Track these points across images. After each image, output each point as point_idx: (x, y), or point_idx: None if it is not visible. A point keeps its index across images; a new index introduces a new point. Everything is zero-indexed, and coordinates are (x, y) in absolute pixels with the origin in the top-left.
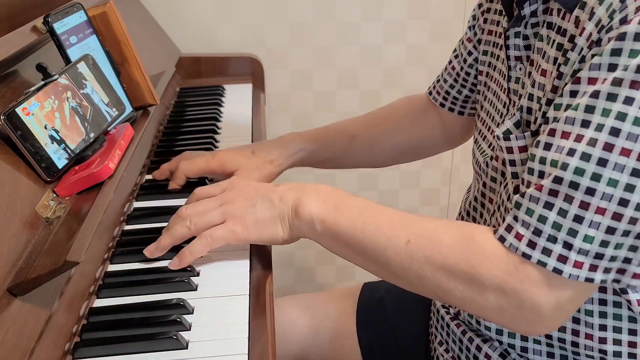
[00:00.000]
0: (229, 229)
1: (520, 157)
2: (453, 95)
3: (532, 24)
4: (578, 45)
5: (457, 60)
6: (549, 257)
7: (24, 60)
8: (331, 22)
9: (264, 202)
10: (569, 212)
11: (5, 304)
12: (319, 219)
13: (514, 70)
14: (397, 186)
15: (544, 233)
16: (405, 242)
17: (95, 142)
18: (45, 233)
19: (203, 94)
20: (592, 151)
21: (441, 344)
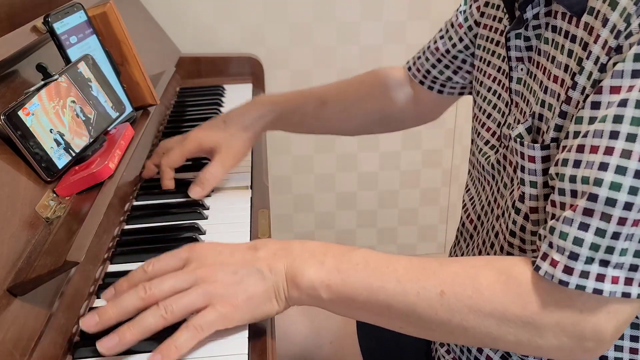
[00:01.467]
0: (219, 312)
1: (528, 166)
2: (433, 74)
3: (533, 26)
4: (593, 53)
5: (442, 41)
6: (587, 280)
7: (24, 60)
8: (331, 22)
9: (252, 275)
10: (607, 232)
11: (5, 304)
12: (323, 286)
13: (515, 70)
14: (397, 186)
15: (581, 256)
16: (438, 293)
17: (95, 142)
18: (45, 233)
19: (203, 94)
20: (626, 163)
21: (442, 345)
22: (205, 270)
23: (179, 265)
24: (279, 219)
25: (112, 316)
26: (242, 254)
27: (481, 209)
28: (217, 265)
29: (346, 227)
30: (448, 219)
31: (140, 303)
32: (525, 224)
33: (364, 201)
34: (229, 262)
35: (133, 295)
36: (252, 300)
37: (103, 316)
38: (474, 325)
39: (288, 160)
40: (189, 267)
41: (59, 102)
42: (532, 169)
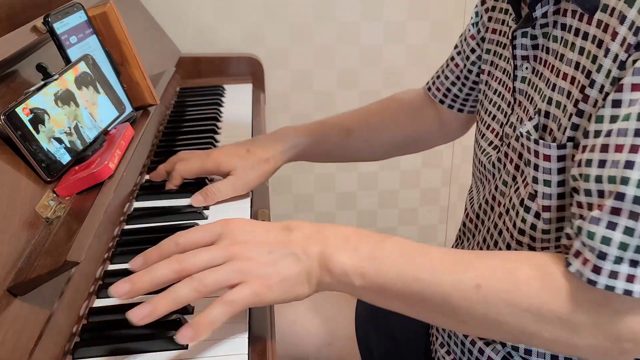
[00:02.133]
0: (252, 290)
1: (543, 165)
2: (454, 92)
3: (541, 24)
4: (612, 50)
5: (459, 57)
6: (616, 280)
7: (24, 60)
8: (331, 22)
9: (286, 257)
10: (635, 230)
11: (5, 304)
12: (356, 273)
13: (520, 69)
14: (397, 186)
15: (610, 256)
16: (474, 285)
17: (95, 142)
18: (45, 233)
19: (203, 94)
20: None
21: (442, 346)
22: (240, 247)
23: (211, 239)
24: (279, 219)
25: (144, 286)
26: (276, 233)
27: (479, 207)
28: (252, 243)
29: None
30: (448, 219)
31: (174, 275)
32: (536, 222)
33: (364, 201)
34: (264, 241)
35: (166, 266)
36: (284, 282)
37: (135, 285)
38: (509, 321)
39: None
40: (223, 242)
41: (58, 101)
42: (547, 167)
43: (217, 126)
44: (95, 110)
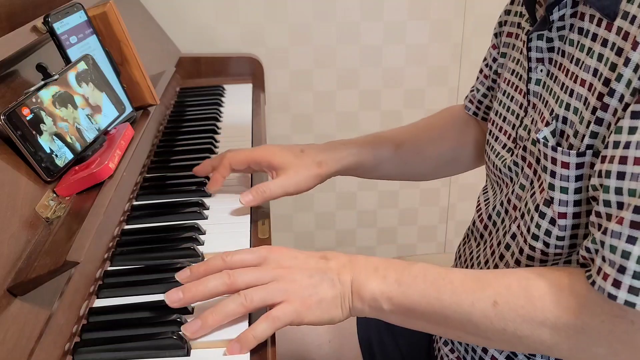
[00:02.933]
0: (294, 308)
1: (560, 172)
2: (486, 104)
3: (557, 27)
4: (632, 60)
5: (487, 68)
6: (637, 297)
7: (24, 60)
8: (331, 22)
9: (325, 282)
10: None
11: (5, 304)
12: (384, 297)
13: (534, 71)
14: (397, 186)
15: (628, 270)
16: (492, 304)
17: (95, 142)
18: (45, 233)
19: (203, 94)
20: None
21: (446, 344)
22: (284, 271)
23: (256, 261)
24: (279, 219)
25: (196, 295)
26: (315, 261)
27: (493, 210)
28: (295, 268)
29: (346, 227)
30: (448, 219)
31: (224, 288)
32: (551, 228)
33: (364, 201)
34: (305, 267)
35: (218, 279)
36: (322, 304)
37: (187, 293)
38: (527, 335)
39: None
40: (268, 265)
41: (58, 101)
42: (565, 175)
43: (217, 126)
44: (95, 111)
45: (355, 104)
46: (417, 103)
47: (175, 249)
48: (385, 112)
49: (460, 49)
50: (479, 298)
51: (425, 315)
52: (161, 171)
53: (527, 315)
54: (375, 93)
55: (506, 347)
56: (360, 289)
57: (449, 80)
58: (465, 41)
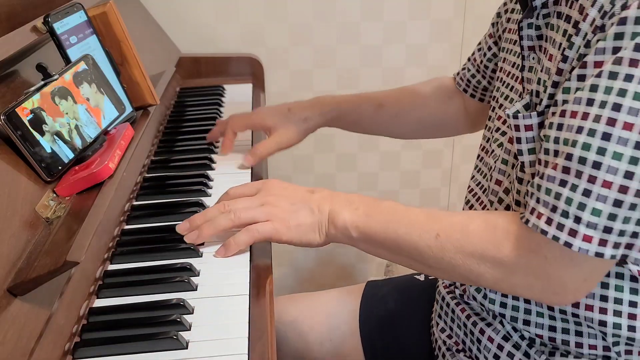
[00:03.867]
0: (274, 227)
1: (525, 135)
2: (473, 84)
3: (543, 14)
4: (582, 30)
5: (479, 52)
6: (562, 232)
7: (24, 60)
8: (331, 22)
9: (305, 209)
10: (578, 187)
11: (5, 304)
12: (353, 226)
13: (527, 59)
14: (397, 186)
15: (559, 209)
16: (435, 236)
17: (95, 142)
18: (45, 233)
19: (203, 94)
20: (597, 127)
21: (443, 331)
22: (271, 198)
23: (252, 192)
24: None
25: (197, 221)
26: (301, 193)
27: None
28: (282, 196)
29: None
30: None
31: (219, 213)
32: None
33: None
34: (290, 196)
35: (215, 208)
36: (300, 227)
37: (193, 223)
38: (460, 264)
39: (288, 160)
40: (260, 194)
41: (58, 101)
42: (530, 137)
43: None
44: (95, 110)
45: None
46: None
47: (175, 249)
48: None
49: (460, 49)
50: (426, 230)
51: (384, 244)
52: (161, 171)
53: (460, 247)
54: None
55: (444, 275)
56: (335, 218)
57: None
58: (465, 41)
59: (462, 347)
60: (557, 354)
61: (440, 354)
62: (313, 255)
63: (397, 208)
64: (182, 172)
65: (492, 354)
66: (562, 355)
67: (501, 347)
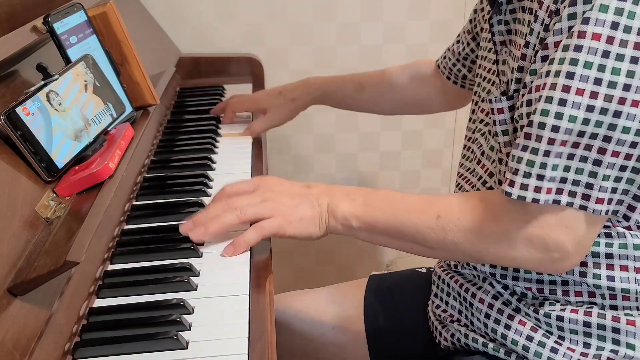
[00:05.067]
0: (278, 222)
1: (497, 118)
2: (454, 72)
3: (510, 10)
4: (539, 17)
5: (458, 44)
6: (527, 191)
7: (24, 60)
8: (331, 22)
9: (305, 204)
10: (539, 150)
11: (5, 304)
12: (353, 216)
13: (500, 54)
14: (397, 186)
15: (520, 171)
16: (436, 217)
17: (95, 142)
18: (45, 233)
19: (203, 94)
20: (553, 94)
21: (438, 307)
22: (271, 194)
23: (251, 189)
24: None
25: (201, 219)
26: (299, 188)
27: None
28: (281, 192)
29: None
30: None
31: (223, 210)
32: (505, 169)
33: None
34: (289, 192)
35: (217, 205)
36: (302, 221)
37: (197, 221)
38: (462, 242)
39: (288, 160)
40: (260, 190)
41: (58, 101)
42: (502, 119)
43: (217, 126)
44: (95, 110)
45: None
46: None
47: (175, 249)
48: None
49: None
50: (426, 212)
51: (385, 230)
52: (161, 171)
53: (461, 225)
54: None
55: (448, 255)
56: (334, 210)
57: None
58: None
59: (456, 317)
60: (545, 304)
61: (438, 333)
62: (313, 254)
63: (394, 195)
64: (182, 172)
65: (484, 314)
66: (550, 304)
67: (492, 305)
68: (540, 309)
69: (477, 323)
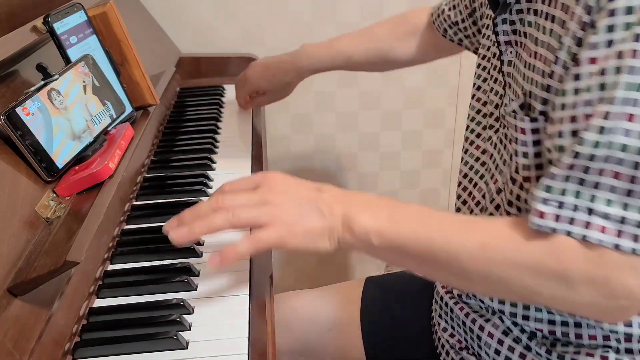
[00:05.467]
0: (278, 234)
1: (520, 138)
2: (450, 34)
3: (517, 10)
4: (571, 29)
5: (454, 11)
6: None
7: (24, 60)
8: (331, 22)
9: (313, 211)
10: (586, 181)
11: (5, 304)
12: (375, 233)
13: (505, 54)
14: (397, 186)
15: (567, 204)
16: (479, 246)
17: (95, 142)
18: (45, 233)
19: (203, 94)
20: (607, 124)
21: (445, 330)
22: (273, 196)
23: (251, 187)
24: None
25: (188, 219)
26: (308, 191)
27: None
28: (285, 194)
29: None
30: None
31: (212, 210)
32: (520, 193)
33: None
34: (295, 194)
35: (207, 203)
36: (308, 233)
37: (182, 219)
38: (511, 278)
39: (288, 160)
40: (260, 189)
41: (59, 101)
42: (523, 140)
43: (217, 126)
44: (95, 110)
45: (355, 104)
46: (417, 103)
47: (175, 249)
48: (385, 112)
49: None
50: (467, 239)
51: (414, 253)
52: (161, 171)
53: (512, 259)
54: (375, 93)
55: (490, 291)
56: (351, 223)
57: (448, 80)
58: None
59: (464, 344)
60: (558, 345)
61: (444, 352)
62: (314, 254)
63: (426, 211)
64: (182, 172)
65: (493, 350)
66: (563, 346)
67: (501, 341)
68: (553, 350)
69: (486, 357)
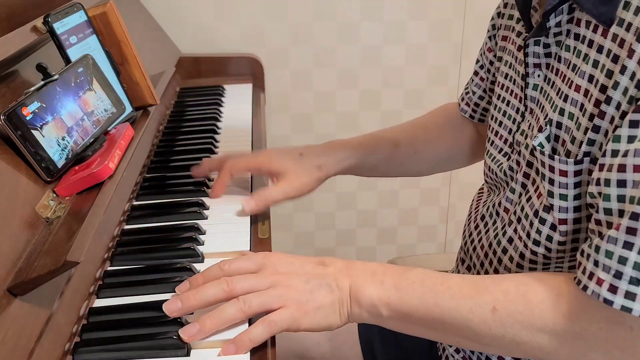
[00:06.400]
0: (291, 314)
1: (559, 180)
2: (483, 107)
3: (554, 33)
4: (629, 68)
5: (482, 70)
6: (634, 302)
7: (24, 60)
8: (331, 22)
9: (322, 288)
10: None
11: (5, 304)
12: (382, 303)
13: (532, 76)
14: (397, 186)
15: (625, 275)
16: (491, 309)
17: (95, 142)
18: (45, 233)
19: (203, 94)
20: None
21: (451, 345)
22: (280, 277)
23: (253, 268)
24: (279, 218)
25: (194, 304)
26: (312, 267)
27: (486, 211)
28: (292, 273)
29: (346, 227)
30: (448, 219)
31: (222, 295)
32: (552, 234)
33: (364, 201)
34: (302, 273)
35: (216, 286)
36: (320, 310)
37: (185, 303)
38: (526, 341)
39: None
40: (265, 271)
41: (59, 101)
42: (564, 182)
43: (217, 126)
44: (95, 110)
45: (355, 104)
46: (417, 103)
47: (175, 249)
48: (385, 112)
49: (460, 49)
50: (477, 304)
51: (424, 321)
52: (161, 171)
53: (526, 322)
54: (375, 93)
55: (505, 352)
56: (359, 295)
57: (449, 80)
58: (465, 41)
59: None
60: None
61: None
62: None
63: (432, 276)
64: (182, 172)
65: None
66: None
67: None
68: None
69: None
